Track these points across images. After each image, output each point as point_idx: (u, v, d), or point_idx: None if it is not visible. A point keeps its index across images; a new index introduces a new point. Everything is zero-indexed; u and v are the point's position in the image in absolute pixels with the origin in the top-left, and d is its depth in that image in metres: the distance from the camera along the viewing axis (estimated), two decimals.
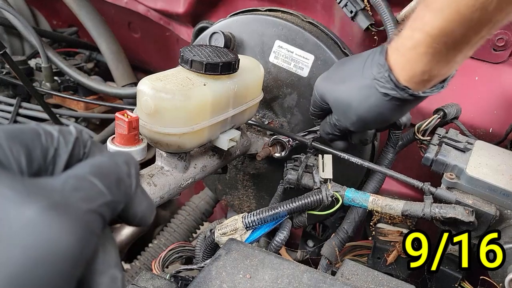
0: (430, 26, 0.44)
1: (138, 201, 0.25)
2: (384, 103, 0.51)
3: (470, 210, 0.55)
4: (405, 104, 0.51)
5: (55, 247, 0.18)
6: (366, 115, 0.53)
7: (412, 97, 0.49)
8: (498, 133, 0.71)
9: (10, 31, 1.11)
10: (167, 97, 0.51)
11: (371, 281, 0.53)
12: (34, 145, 0.22)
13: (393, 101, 0.50)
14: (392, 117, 0.54)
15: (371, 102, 0.51)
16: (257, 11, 0.75)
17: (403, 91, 0.49)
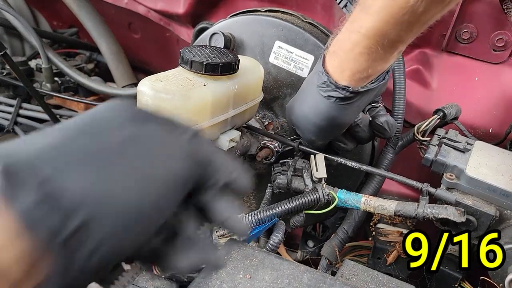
0: (365, 28, 0.47)
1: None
2: (332, 106, 0.54)
3: (462, 211, 0.55)
4: (352, 102, 0.53)
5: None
6: (321, 122, 0.56)
7: (354, 94, 0.52)
8: (498, 134, 0.71)
9: (10, 32, 1.11)
10: (167, 98, 0.51)
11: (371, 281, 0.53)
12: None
13: (339, 102, 0.53)
14: (346, 118, 0.56)
15: (321, 108, 0.55)
16: (257, 12, 0.75)
17: (344, 90, 0.52)
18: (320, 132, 0.58)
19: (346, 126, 0.59)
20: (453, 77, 0.74)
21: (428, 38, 0.75)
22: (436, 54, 0.76)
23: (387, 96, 0.69)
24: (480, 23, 0.70)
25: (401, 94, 0.66)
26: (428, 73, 0.76)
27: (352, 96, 0.52)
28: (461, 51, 0.73)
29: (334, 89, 0.52)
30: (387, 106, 0.66)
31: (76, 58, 1.19)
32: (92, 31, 1.05)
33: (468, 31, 0.71)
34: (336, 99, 0.53)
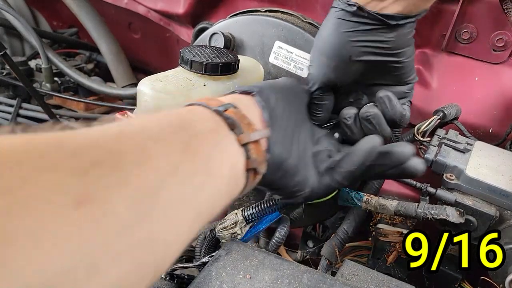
0: None
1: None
2: (332, 21, 0.50)
3: (462, 211, 0.55)
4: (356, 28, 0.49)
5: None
6: (321, 44, 0.51)
7: (353, 8, 0.47)
8: (498, 134, 0.71)
9: (10, 32, 1.11)
10: (167, 98, 0.51)
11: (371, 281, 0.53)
12: None
13: (338, 15, 0.49)
14: (340, 40, 0.50)
15: (326, 26, 0.51)
16: (257, 12, 0.75)
17: (351, 5, 0.47)
18: (314, 54, 0.53)
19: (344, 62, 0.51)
20: (453, 77, 0.74)
21: (428, 38, 0.75)
22: (436, 54, 0.76)
23: None
24: (480, 23, 0.70)
25: None
26: (428, 73, 0.76)
27: (352, 12, 0.47)
28: (461, 51, 0.73)
29: (343, 1, 0.48)
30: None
31: (76, 58, 1.19)
32: (92, 31, 1.05)
33: (468, 31, 0.71)
34: (340, 11, 0.48)
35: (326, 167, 0.51)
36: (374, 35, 0.49)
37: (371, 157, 0.50)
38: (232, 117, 0.40)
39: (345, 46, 0.50)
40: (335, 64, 0.52)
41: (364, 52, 0.50)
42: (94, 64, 1.19)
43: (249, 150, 0.41)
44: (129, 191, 0.25)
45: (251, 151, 0.41)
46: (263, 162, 0.43)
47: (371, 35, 0.49)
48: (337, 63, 0.51)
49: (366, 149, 0.50)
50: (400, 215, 0.57)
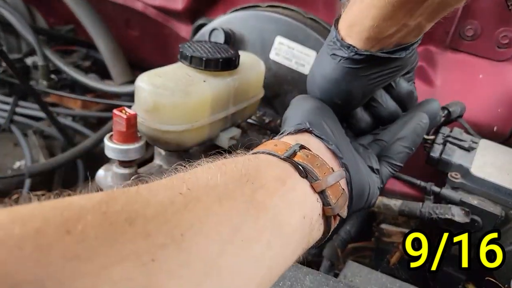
0: None
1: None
2: (337, 68, 0.47)
3: (467, 211, 0.54)
4: (360, 69, 0.46)
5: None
6: (324, 84, 0.49)
7: (362, 57, 0.45)
8: (503, 132, 0.70)
9: (6, 29, 1.09)
10: (166, 94, 0.50)
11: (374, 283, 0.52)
12: None
13: (343, 63, 0.46)
14: (352, 86, 0.48)
15: (326, 68, 0.48)
16: (258, 7, 0.73)
17: (349, 49, 0.45)
18: (325, 97, 0.50)
19: (356, 99, 0.50)
20: (457, 75, 0.73)
21: (432, 35, 0.74)
22: (440, 51, 0.74)
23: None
24: (484, 20, 0.69)
25: None
26: (432, 71, 0.75)
27: (358, 59, 0.45)
28: (465, 48, 0.72)
29: (339, 47, 0.46)
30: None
31: (73, 55, 1.17)
32: (89, 28, 1.04)
33: (472, 28, 0.70)
34: (341, 59, 0.46)
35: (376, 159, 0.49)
36: (386, 70, 0.47)
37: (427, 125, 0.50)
38: (301, 163, 0.38)
39: (358, 89, 0.48)
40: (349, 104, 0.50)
41: (376, 85, 0.49)
42: (91, 61, 1.17)
43: (327, 196, 0.38)
44: (191, 275, 0.25)
45: (329, 197, 0.38)
46: (345, 205, 0.41)
47: (383, 71, 0.47)
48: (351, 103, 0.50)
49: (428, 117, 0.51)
50: (404, 215, 0.56)
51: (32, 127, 1.00)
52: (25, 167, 0.86)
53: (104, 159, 0.55)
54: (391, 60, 0.46)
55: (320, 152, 0.41)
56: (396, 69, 0.48)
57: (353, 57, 0.45)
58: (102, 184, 0.56)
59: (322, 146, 0.44)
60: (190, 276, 0.25)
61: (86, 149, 0.89)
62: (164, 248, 0.24)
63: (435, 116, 0.52)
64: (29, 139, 0.96)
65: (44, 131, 1.00)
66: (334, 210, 0.39)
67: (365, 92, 0.49)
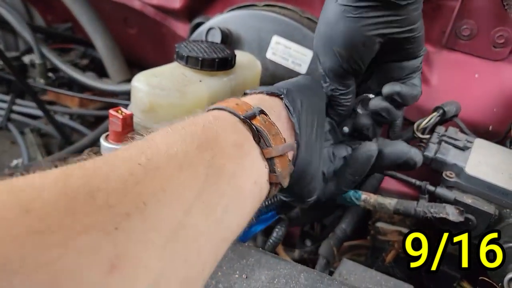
0: None
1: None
2: (335, 8, 0.46)
3: (461, 210, 0.55)
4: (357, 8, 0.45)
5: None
6: (324, 29, 0.48)
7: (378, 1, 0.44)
8: (498, 131, 0.70)
9: (3, 27, 1.09)
10: (162, 94, 0.50)
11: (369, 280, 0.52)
12: None
13: (341, 1, 0.45)
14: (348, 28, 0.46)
15: (326, 11, 0.48)
16: (255, 6, 0.74)
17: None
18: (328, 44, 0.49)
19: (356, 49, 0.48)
20: (453, 74, 0.73)
21: (428, 35, 0.74)
22: (436, 50, 0.75)
23: None
24: (480, 19, 0.69)
25: None
26: (428, 70, 0.75)
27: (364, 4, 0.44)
28: (461, 47, 0.72)
29: None
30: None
31: (71, 54, 1.17)
32: (87, 26, 1.04)
33: (469, 27, 0.70)
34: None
35: (331, 174, 0.52)
36: (384, 17, 0.46)
37: (370, 163, 0.51)
38: (259, 128, 0.39)
39: (356, 33, 0.46)
40: (349, 53, 0.48)
41: (377, 35, 0.47)
42: (89, 60, 1.17)
43: (274, 164, 0.40)
44: (157, 239, 0.26)
45: (276, 165, 0.40)
46: (288, 176, 0.43)
47: (381, 17, 0.46)
48: (351, 52, 0.48)
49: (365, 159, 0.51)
50: (399, 214, 0.57)
51: (29, 125, 1.00)
52: (22, 165, 0.86)
53: None
54: (389, 5, 0.44)
55: (279, 120, 0.43)
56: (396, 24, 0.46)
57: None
58: None
59: (285, 115, 0.45)
60: (156, 240, 0.26)
61: (83, 147, 0.89)
62: (128, 216, 0.25)
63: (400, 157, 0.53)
64: (26, 137, 0.97)
65: (41, 129, 1.00)
66: (277, 177, 0.40)
67: (366, 42, 0.47)
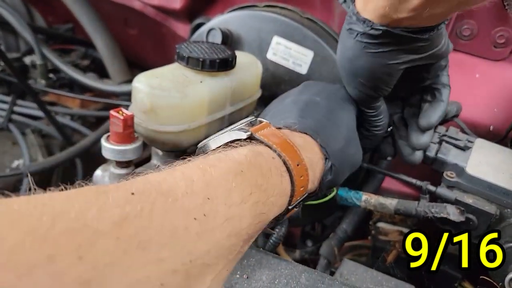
0: None
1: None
2: (354, 44, 0.45)
3: (462, 210, 0.55)
4: (377, 44, 0.44)
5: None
6: (346, 64, 0.48)
7: (377, 31, 0.43)
8: (499, 131, 0.70)
9: (4, 28, 1.09)
10: (163, 95, 0.50)
11: (370, 280, 0.52)
12: None
13: (360, 38, 0.44)
14: (369, 63, 0.46)
15: (346, 45, 0.47)
16: (255, 7, 0.74)
17: (365, 23, 0.43)
18: (350, 77, 0.49)
19: (380, 79, 0.48)
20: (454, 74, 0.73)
21: None
22: None
23: None
24: (481, 19, 0.69)
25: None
26: None
27: (375, 34, 0.43)
28: (462, 47, 0.72)
29: (355, 21, 0.44)
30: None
31: (71, 54, 1.17)
32: (88, 27, 1.04)
33: (469, 27, 0.70)
34: (358, 33, 0.44)
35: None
36: (405, 49, 0.45)
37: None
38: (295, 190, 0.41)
39: (379, 66, 0.46)
40: (374, 83, 0.49)
41: (400, 64, 0.47)
42: (89, 60, 1.17)
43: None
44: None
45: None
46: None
47: (402, 50, 0.45)
48: (375, 82, 0.48)
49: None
50: (400, 214, 0.57)
51: (30, 126, 1.00)
52: (23, 166, 0.86)
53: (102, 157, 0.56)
54: (410, 39, 0.43)
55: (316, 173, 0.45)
56: (419, 51, 0.46)
57: (369, 32, 0.43)
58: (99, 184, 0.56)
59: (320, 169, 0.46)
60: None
61: (85, 148, 0.89)
62: (175, 273, 0.25)
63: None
64: (27, 138, 0.97)
65: (42, 130, 1.00)
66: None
67: (390, 72, 0.47)
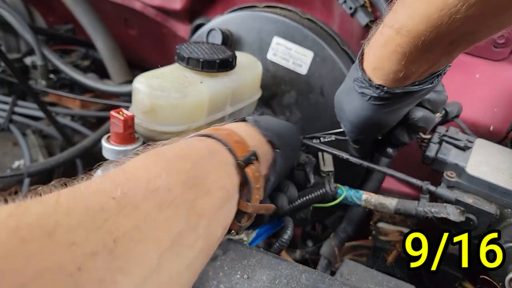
0: (400, 23, 0.40)
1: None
2: (366, 105, 0.48)
3: (462, 210, 0.55)
4: (389, 103, 0.47)
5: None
6: (355, 120, 0.51)
7: (391, 94, 0.46)
8: (499, 132, 0.70)
9: (5, 29, 1.09)
10: (163, 95, 0.50)
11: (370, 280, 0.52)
12: None
13: (373, 101, 0.47)
14: (383, 118, 0.50)
15: (355, 105, 0.50)
16: (255, 8, 0.74)
17: (378, 89, 0.46)
18: (353, 128, 0.53)
19: (387, 127, 0.53)
20: (454, 75, 0.73)
21: None
22: None
23: None
24: None
25: None
26: None
27: (388, 96, 0.46)
28: None
29: (368, 87, 0.47)
30: None
31: (72, 55, 1.17)
32: (88, 28, 1.04)
33: None
34: (370, 97, 0.47)
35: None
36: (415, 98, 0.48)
37: None
38: (249, 179, 0.40)
39: (391, 118, 0.51)
40: (383, 131, 0.54)
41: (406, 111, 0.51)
42: (90, 61, 1.18)
43: (243, 217, 0.41)
44: (126, 283, 0.24)
45: (244, 218, 0.42)
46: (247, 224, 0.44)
47: (412, 99, 0.48)
48: (384, 130, 0.54)
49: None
50: (400, 214, 0.57)
51: (31, 127, 1.01)
52: (24, 167, 0.87)
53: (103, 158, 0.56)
54: (421, 90, 0.46)
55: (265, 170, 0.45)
56: (427, 92, 0.48)
57: (383, 95, 0.46)
58: None
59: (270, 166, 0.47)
60: (128, 281, 0.24)
61: (85, 148, 0.89)
62: (94, 256, 0.23)
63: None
64: (28, 139, 0.97)
65: (43, 131, 1.01)
66: (240, 229, 0.42)
67: (396, 120, 0.52)
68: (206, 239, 0.33)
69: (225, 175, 0.38)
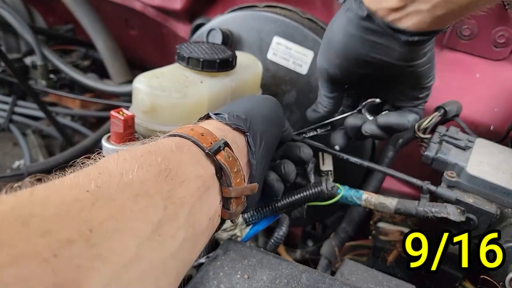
0: None
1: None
2: (348, 23, 0.47)
3: (462, 209, 0.55)
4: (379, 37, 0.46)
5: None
6: (341, 49, 0.49)
7: (380, 28, 0.45)
8: (499, 131, 0.70)
9: (5, 29, 1.09)
10: (163, 95, 0.50)
11: (370, 280, 0.52)
12: None
13: (356, 20, 0.46)
14: (369, 53, 0.47)
15: (339, 23, 0.48)
16: (255, 7, 0.74)
17: (362, 10, 0.45)
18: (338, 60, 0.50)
19: (349, 60, 0.49)
20: (454, 74, 0.73)
21: None
22: (437, 50, 0.75)
23: None
24: (481, 19, 0.69)
25: None
26: None
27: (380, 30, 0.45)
28: (462, 47, 0.72)
29: (357, 7, 0.46)
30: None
31: (72, 55, 1.17)
32: (88, 28, 1.04)
33: (469, 27, 0.70)
34: (351, 11, 0.46)
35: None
36: (382, 45, 0.47)
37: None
38: (223, 165, 0.39)
39: (352, 47, 0.48)
40: (340, 62, 0.50)
41: (372, 57, 0.48)
42: (90, 61, 1.18)
43: (230, 203, 0.41)
44: (104, 269, 0.24)
45: (232, 204, 0.41)
46: (240, 213, 0.43)
47: (379, 44, 0.47)
48: (342, 62, 0.50)
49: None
50: (400, 214, 0.57)
51: (31, 127, 1.01)
52: (24, 167, 0.87)
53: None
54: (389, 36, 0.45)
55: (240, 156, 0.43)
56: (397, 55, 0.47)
57: (357, 11, 0.45)
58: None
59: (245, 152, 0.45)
60: (107, 268, 0.25)
61: (85, 148, 0.89)
62: (70, 243, 0.23)
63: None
64: (28, 139, 0.97)
65: (43, 131, 1.01)
66: (231, 215, 0.41)
67: (357, 59, 0.49)
68: (189, 228, 0.33)
69: (198, 165, 0.37)
